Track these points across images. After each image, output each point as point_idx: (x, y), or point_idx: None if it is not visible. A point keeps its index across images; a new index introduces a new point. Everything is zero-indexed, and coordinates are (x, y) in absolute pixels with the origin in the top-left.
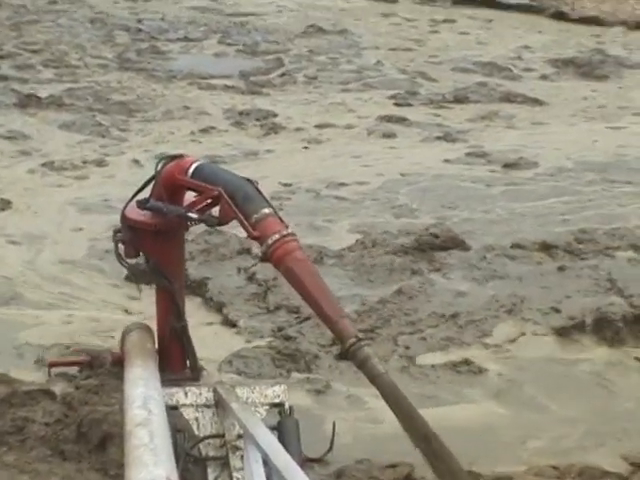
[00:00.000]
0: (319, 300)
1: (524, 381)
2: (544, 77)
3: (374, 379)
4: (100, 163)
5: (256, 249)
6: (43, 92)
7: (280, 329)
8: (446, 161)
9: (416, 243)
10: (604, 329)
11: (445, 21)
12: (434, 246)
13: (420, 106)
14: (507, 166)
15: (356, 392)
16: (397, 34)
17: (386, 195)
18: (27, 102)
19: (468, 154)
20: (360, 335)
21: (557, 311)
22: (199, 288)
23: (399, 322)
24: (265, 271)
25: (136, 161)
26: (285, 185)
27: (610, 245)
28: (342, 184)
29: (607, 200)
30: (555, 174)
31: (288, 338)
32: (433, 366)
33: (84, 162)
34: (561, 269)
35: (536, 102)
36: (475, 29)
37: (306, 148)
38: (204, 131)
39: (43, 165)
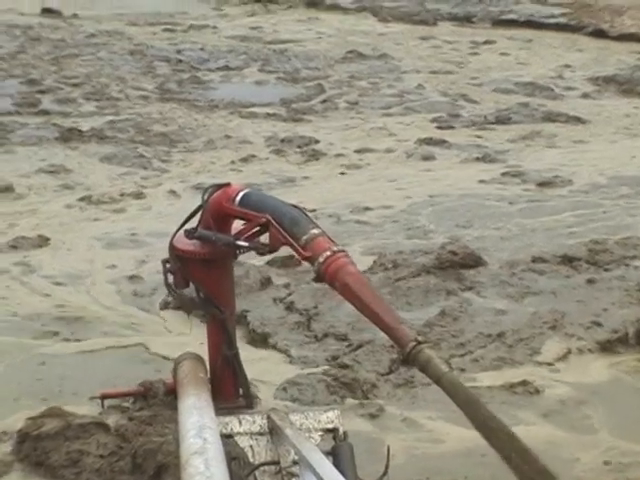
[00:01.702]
0: (376, 310)
1: (580, 400)
2: (585, 95)
3: (439, 379)
4: (138, 195)
5: (276, 277)
6: (85, 125)
7: (334, 357)
8: (481, 182)
9: (437, 262)
10: None
11: (485, 42)
12: (454, 264)
13: (462, 128)
14: (542, 185)
15: (410, 415)
16: (437, 57)
17: (406, 217)
18: (69, 136)
19: (504, 174)
20: (420, 338)
21: (598, 325)
22: (239, 321)
23: (449, 345)
24: (303, 300)
25: (173, 192)
26: (310, 211)
27: (626, 255)
28: (367, 208)
29: (620, 212)
30: (589, 191)
31: (345, 366)
32: (490, 387)
33: (122, 195)
34: (591, 282)
35: (578, 121)
36: (515, 49)
37: (343, 174)
38: (244, 160)
39: (81, 199)
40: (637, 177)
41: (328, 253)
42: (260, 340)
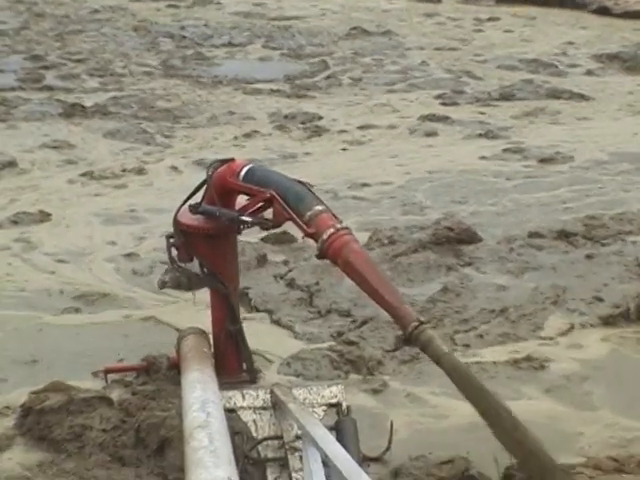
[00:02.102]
0: (379, 289)
1: (584, 376)
2: (589, 73)
3: (439, 359)
4: (140, 171)
5: (272, 254)
6: (88, 101)
7: (340, 333)
8: (482, 158)
9: (434, 237)
10: None
11: (489, 19)
12: (451, 239)
13: (466, 105)
14: (543, 161)
15: (414, 390)
16: (441, 34)
17: (404, 193)
18: (72, 111)
19: (505, 150)
20: (422, 318)
21: (600, 300)
22: (240, 298)
23: (452, 321)
24: (304, 277)
25: (174, 168)
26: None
27: (622, 230)
28: (365, 184)
29: (615, 187)
30: (590, 167)
31: (350, 343)
32: (495, 363)
33: (123, 170)
34: (589, 257)
35: (582, 98)
36: (519, 27)
37: (344, 150)
38: (247, 135)
39: (83, 175)
40: (638, 153)
41: (332, 230)
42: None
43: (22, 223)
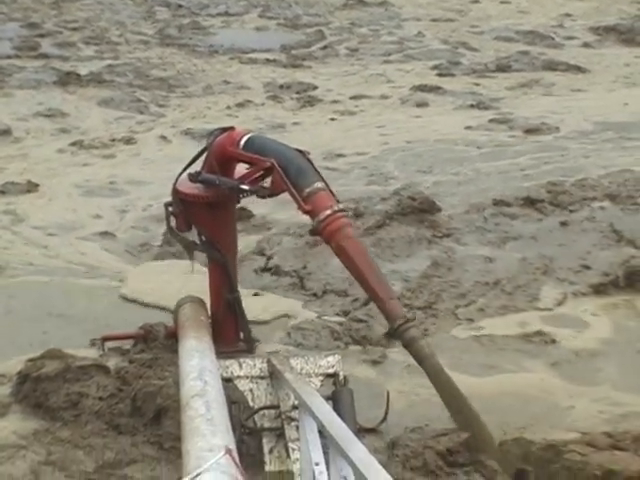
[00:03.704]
0: (370, 279)
1: (588, 351)
2: (586, 45)
3: (421, 360)
4: (129, 140)
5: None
6: (83, 69)
7: (345, 312)
8: (467, 128)
9: (399, 208)
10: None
11: None
12: (415, 209)
13: (462, 76)
14: (528, 131)
15: (413, 362)
16: (438, 5)
17: (375, 164)
18: (67, 80)
19: (491, 120)
20: (409, 316)
21: (587, 268)
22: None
23: (450, 295)
24: (288, 262)
25: (164, 137)
26: None
27: (586, 196)
28: (340, 155)
29: (575, 155)
30: (575, 137)
31: (359, 321)
32: (505, 336)
33: (113, 140)
34: (564, 224)
35: (578, 70)
36: None
37: (333, 120)
38: (240, 105)
39: (73, 144)
40: (623, 122)
41: (328, 212)
42: None
43: (9, 193)
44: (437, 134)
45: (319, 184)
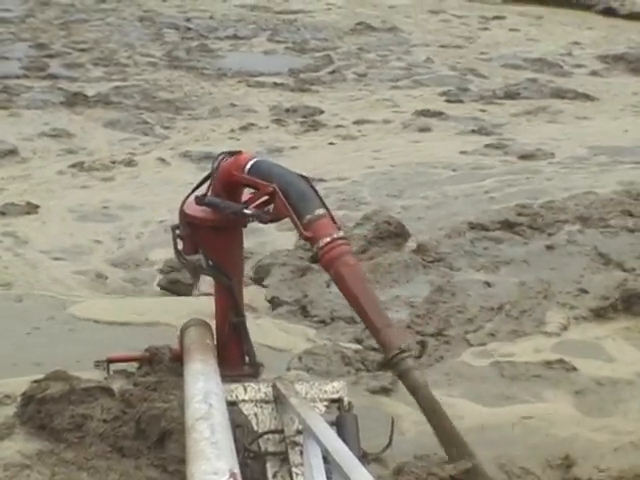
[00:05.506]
0: (366, 307)
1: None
2: (594, 73)
3: (415, 391)
4: (129, 163)
5: None
6: (91, 90)
7: (358, 340)
8: (462, 152)
9: (377, 232)
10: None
11: (495, 18)
12: (391, 234)
13: (470, 102)
14: (523, 157)
15: None
16: (447, 31)
17: (353, 189)
18: (74, 100)
19: (487, 145)
20: (404, 346)
21: (585, 292)
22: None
23: (458, 321)
24: (286, 293)
25: (162, 160)
26: None
27: (557, 219)
28: (321, 179)
29: (540, 178)
30: (567, 163)
31: (375, 349)
32: (527, 363)
33: (113, 162)
34: (550, 248)
35: (587, 98)
36: (525, 25)
37: (331, 144)
38: (244, 128)
39: (73, 166)
40: (618, 147)
41: (328, 239)
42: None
43: (9, 214)
44: (428, 158)
45: (320, 210)
